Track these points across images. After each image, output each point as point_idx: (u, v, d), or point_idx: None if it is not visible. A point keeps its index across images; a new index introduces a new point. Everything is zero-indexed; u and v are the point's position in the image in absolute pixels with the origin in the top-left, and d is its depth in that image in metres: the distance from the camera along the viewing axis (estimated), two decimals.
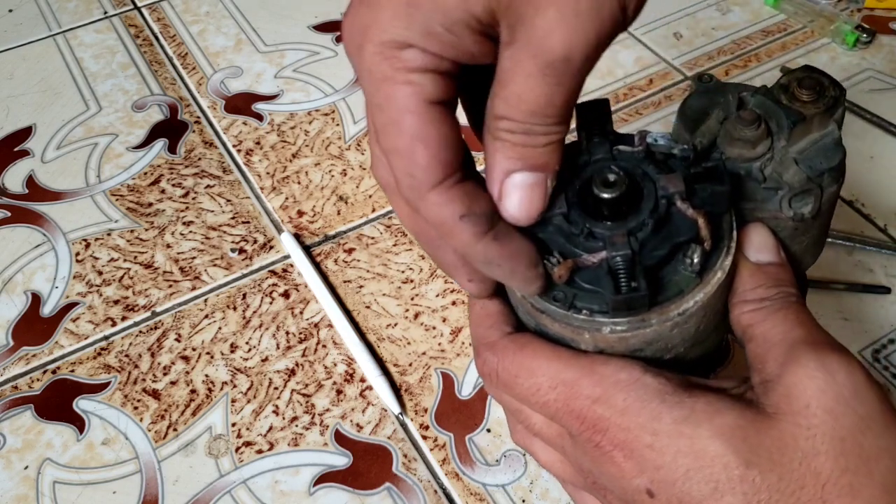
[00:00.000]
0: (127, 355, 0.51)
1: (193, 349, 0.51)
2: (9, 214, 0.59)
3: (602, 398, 0.26)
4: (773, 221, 0.30)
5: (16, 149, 0.63)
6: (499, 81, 0.24)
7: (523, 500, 0.44)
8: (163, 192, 0.60)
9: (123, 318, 0.52)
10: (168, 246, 0.56)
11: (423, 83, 0.24)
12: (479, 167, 0.26)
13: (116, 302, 0.53)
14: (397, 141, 0.24)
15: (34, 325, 0.52)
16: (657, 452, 0.25)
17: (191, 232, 0.57)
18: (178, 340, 0.51)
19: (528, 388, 0.28)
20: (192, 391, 0.49)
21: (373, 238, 0.56)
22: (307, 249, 0.55)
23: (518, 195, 0.25)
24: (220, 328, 0.52)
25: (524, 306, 0.29)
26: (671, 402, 0.26)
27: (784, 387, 0.25)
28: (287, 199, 0.59)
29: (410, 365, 0.49)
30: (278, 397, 0.48)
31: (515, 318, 0.30)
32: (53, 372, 0.50)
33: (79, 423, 0.48)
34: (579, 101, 0.29)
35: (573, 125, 0.28)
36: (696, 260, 0.26)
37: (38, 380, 0.49)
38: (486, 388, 0.31)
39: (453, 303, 0.52)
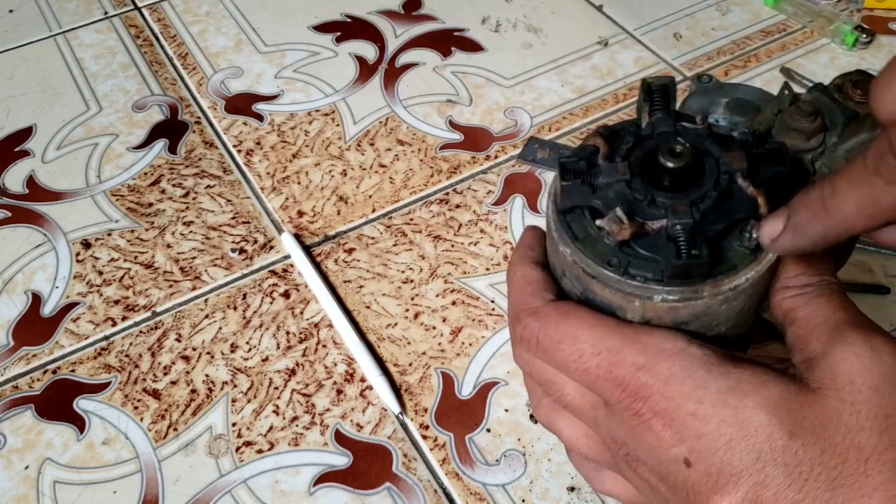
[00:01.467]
0: (127, 355, 0.51)
1: (194, 349, 0.51)
2: (9, 214, 0.59)
3: (646, 366, 0.26)
4: None
5: (16, 149, 0.63)
6: None
7: (523, 500, 0.44)
8: (163, 192, 0.60)
9: (124, 318, 0.52)
10: (168, 246, 0.56)
11: None
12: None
13: (117, 302, 0.53)
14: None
15: (34, 325, 0.52)
16: (700, 421, 0.25)
17: (191, 232, 0.57)
18: (178, 340, 0.51)
19: (570, 353, 0.27)
20: (193, 391, 0.49)
21: (373, 238, 0.56)
22: (307, 249, 0.55)
23: (789, 240, 0.25)
24: (220, 328, 0.52)
25: (573, 271, 0.28)
26: (717, 372, 0.26)
27: (829, 363, 0.25)
28: (287, 199, 0.59)
29: (410, 365, 0.49)
30: (278, 397, 0.48)
31: (557, 286, 0.30)
32: (54, 372, 0.50)
33: (79, 422, 0.48)
34: (647, 77, 0.29)
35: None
36: (754, 235, 0.27)
37: (38, 380, 0.49)
38: (519, 358, 0.31)
39: (453, 303, 0.52)
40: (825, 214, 0.24)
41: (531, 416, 0.47)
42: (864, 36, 0.67)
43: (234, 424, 0.47)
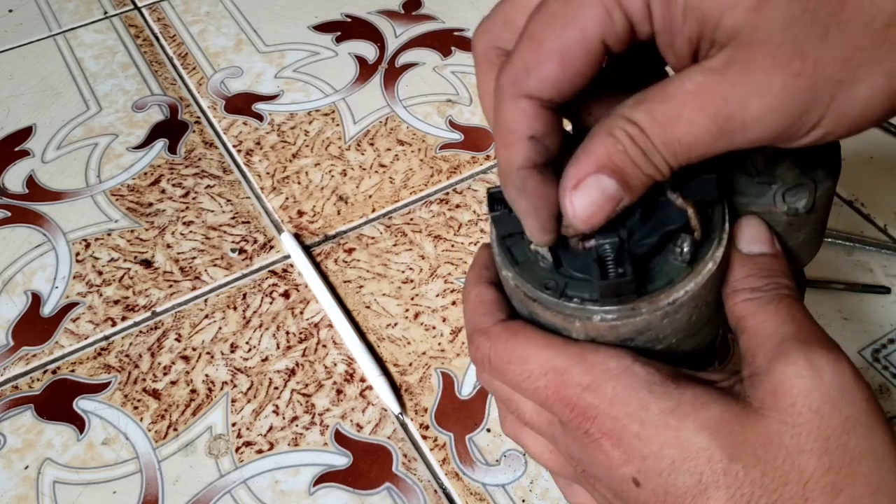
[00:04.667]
0: (127, 355, 0.51)
1: (193, 349, 0.51)
2: (9, 214, 0.59)
3: (591, 386, 0.26)
4: (768, 216, 0.30)
5: (16, 149, 0.63)
6: (663, 93, 0.23)
7: (523, 500, 0.44)
8: (163, 192, 0.60)
9: (123, 318, 0.52)
10: (168, 246, 0.56)
11: (612, 10, 0.23)
12: None
13: (116, 302, 0.53)
14: (548, 38, 0.24)
15: (34, 325, 0.52)
16: (644, 442, 0.25)
17: (191, 232, 0.57)
18: (178, 340, 0.51)
19: (519, 374, 0.28)
20: (193, 391, 0.49)
21: (373, 238, 0.56)
22: (307, 249, 0.55)
23: (594, 197, 0.24)
24: (220, 328, 0.52)
25: (517, 295, 0.29)
26: (658, 393, 0.26)
27: (771, 383, 0.25)
28: (287, 199, 0.59)
29: (410, 365, 0.49)
30: (278, 397, 0.48)
31: (510, 306, 0.30)
32: (53, 372, 0.50)
33: (79, 422, 0.48)
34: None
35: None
36: (685, 249, 0.26)
37: (38, 380, 0.49)
38: (478, 376, 0.31)
39: (453, 303, 0.52)
40: (501, 146, 0.26)
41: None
42: None
43: (233, 424, 0.47)
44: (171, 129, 0.64)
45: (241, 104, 0.66)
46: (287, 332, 0.51)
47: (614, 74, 0.27)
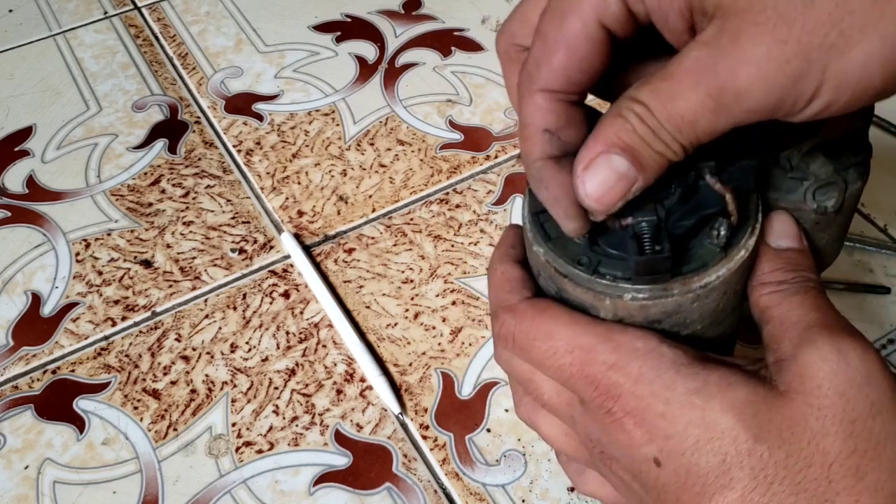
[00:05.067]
0: (127, 355, 0.51)
1: (193, 349, 0.51)
2: (9, 214, 0.59)
3: (617, 365, 0.26)
4: (797, 213, 0.30)
5: (16, 149, 0.63)
6: (666, 72, 0.23)
7: (523, 500, 0.44)
8: (163, 192, 0.60)
9: (123, 318, 0.52)
10: (168, 246, 0.56)
11: (610, 1, 0.24)
12: None
13: (116, 302, 0.53)
14: (550, 31, 0.25)
15: (34, 325, 0.52)
16: (668, 421, 0.25)
17: (191, 232, 0.57)
18: (178, 340, 0.51)
19: (544, 350, 0.28)
20: (193, 391, 0.49)
21: (373, 238, 0.56)
22: (307, 249, 0.55)
23: (604, 176, 0.24)
24: (220, 328, 0.52)
25: (547, 271, 0.29)
26: (685, 373, 0.26)
27: (798, 367, 0.25)
28: (287, 199, 0.59)
29: (410, 365, 0.49)
30: (278, 397, 0.48)
31: (535, 285, 0.30)
32: (53, 372, 0.50)
33: (79, 422, 0.48)
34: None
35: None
36: (722, 233, 0.27)
37: (38, 380, 0.49)
38: (498, 356, 0.31)
39: (453, 303, 0.52)
40: (521, 139, 0.27)
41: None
42: None
43: (233, 424, 0.47)
44: (171, 129, 0.64)
45: (241, 104, 0.66)
46: (287, 332, 0.51)
47: (654, 55, 0.27)
